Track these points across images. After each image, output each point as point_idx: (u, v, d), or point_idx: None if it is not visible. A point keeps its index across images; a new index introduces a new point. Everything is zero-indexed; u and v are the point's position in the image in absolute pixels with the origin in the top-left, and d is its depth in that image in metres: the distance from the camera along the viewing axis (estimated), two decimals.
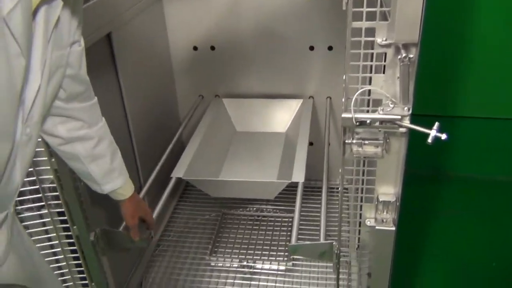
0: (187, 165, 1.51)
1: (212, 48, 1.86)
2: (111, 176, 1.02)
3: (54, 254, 1.17)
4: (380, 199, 1.02)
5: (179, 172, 1.48)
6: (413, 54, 0.83)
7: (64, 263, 1.16)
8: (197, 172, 1.53)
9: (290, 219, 1.89)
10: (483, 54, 1.67)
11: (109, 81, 1.45)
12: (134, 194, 1.11)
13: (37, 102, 0.70)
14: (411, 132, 0.91)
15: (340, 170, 1.00)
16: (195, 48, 1.88)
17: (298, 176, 1.41)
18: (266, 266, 1.67)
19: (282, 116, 1.90)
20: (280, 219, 1.90)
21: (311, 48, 1.79)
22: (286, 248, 1.74)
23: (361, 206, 1.06)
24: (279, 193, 1.50)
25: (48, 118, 0.88)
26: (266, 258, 1.70)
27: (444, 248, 1.86)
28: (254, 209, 1.95)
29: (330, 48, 1.78)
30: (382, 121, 0.90)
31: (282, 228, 1.85)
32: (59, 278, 1.16)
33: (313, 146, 1.93)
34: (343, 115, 0.89)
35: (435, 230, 1.90)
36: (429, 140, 0.85)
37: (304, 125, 1.70)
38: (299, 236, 1.77)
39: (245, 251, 1.74)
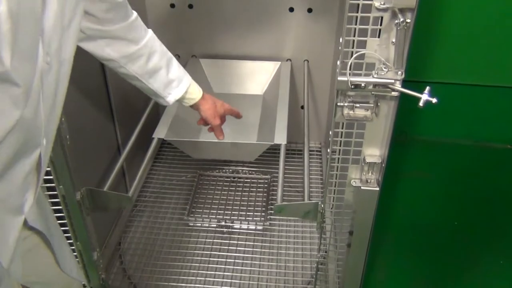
0: (168, 126, 1.50)
1: (190, 6, 1.81)
2: (171, 87, 1.09)
3: None
4: (367, 161, 1.06)
5: (160, 133, 1.46)
6: (409, 19, 0.85)
7: None
8: (178, 133, 1.52)
9: (266, 181, 1.92)
10: (451, 21, 1.71)
11: None
12: (204, 95, 1.18)
13: (55, 24, 0.63)
14: None
15: (330, 132, 1.03)
16: (172, 6, 1.82)
17: (281, 138, 1.42)
18: (244, 226, 1.71)
19: (260, 78, 1.90)
20: (256, 181, 1.93)
21: (291, 9, 1.78)
22: (263, 209, 1.78)
23: (338, 167, 1.10)
24: None
25: (91, 42, 0.92)
26: (244, 218, 1.74)
27: (409, 208, 1.96)
28: (230, 170, 1.96)
29: (309, 10, 1.77)
30: (375, 85, 0.93)
31: (258, 189, 1.89)
32: None
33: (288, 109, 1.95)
34: (339, 78, 0.90)
35: (400, 191, 2.00)
36: (421, 104, 0.88)
37: (283, 88, 1.71)
38: (274, 197, 1.82)
39: (222, 212, 1.77)
